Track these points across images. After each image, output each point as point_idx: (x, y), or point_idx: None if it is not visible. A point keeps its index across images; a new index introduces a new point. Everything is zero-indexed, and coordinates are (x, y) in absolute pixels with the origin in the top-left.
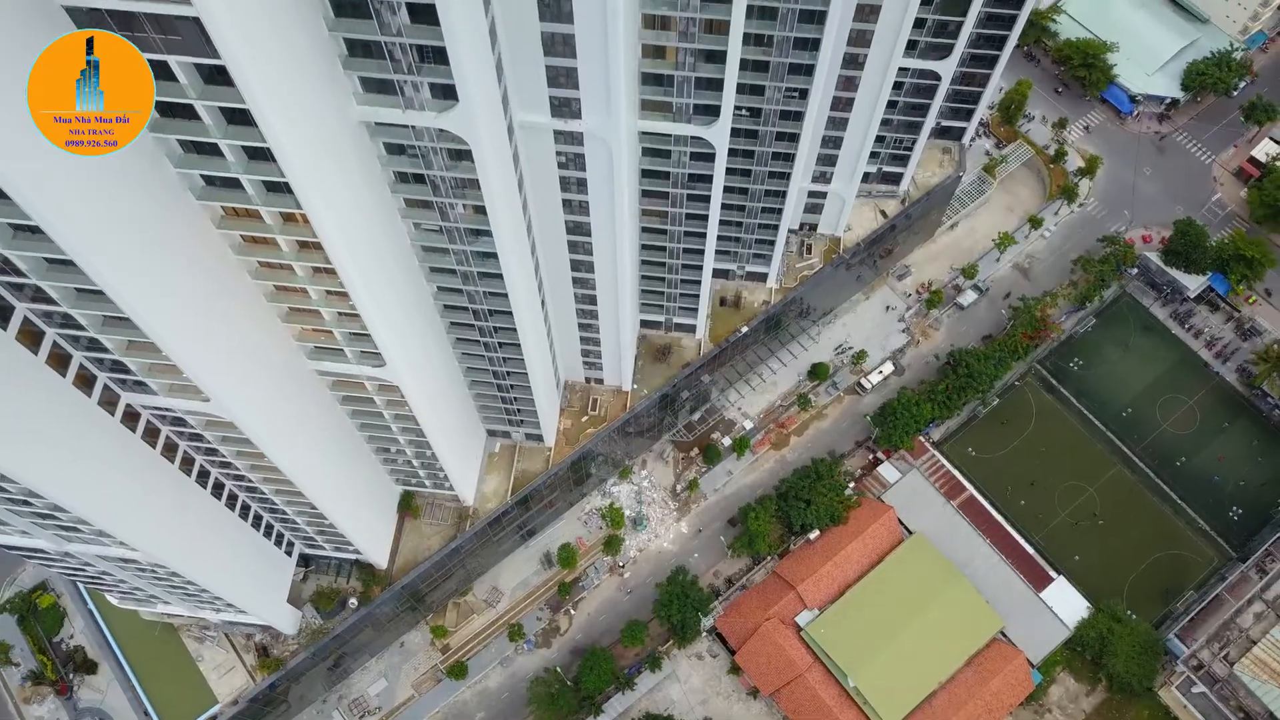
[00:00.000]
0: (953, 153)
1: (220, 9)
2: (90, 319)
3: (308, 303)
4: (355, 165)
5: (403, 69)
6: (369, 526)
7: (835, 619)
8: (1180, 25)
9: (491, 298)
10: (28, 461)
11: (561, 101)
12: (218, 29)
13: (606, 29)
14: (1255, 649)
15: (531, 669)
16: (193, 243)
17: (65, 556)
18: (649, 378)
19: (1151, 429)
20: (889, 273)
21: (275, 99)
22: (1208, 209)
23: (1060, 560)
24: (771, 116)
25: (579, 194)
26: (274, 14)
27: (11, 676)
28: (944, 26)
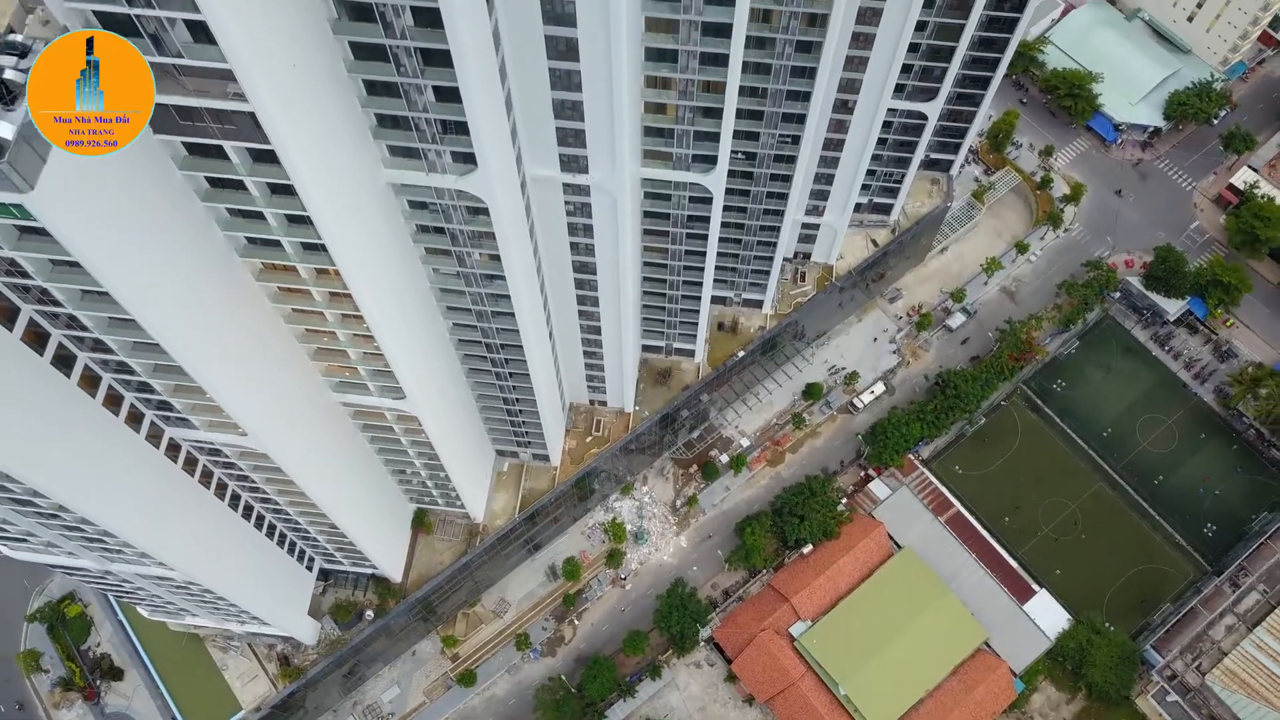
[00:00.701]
0: (941, 183)
1: (273, 107)
2: (143, 366)
3: (335, 343)
4: (381, 221)
5: (427, 139)
6: (385, 543)
7: (827, 630)
8: (1163, 56)
9: (503, 332)
10: (82, 492)
11: (570, 158)
12: (269, 121)
13: (612, 95)
14: (1226, 660)
15: (537, 677)
16: (235, 294)
17: (106, 574)
18: (650, 399)
19: (1132, 447)
20: (881, 296)
21: (315, 174)
22: (1187, 235)
23: (1043, 574)
24: (767, 159)
25: (585, 238)
26: (316, 101)
27: (42, 683)
28: (929, 72)
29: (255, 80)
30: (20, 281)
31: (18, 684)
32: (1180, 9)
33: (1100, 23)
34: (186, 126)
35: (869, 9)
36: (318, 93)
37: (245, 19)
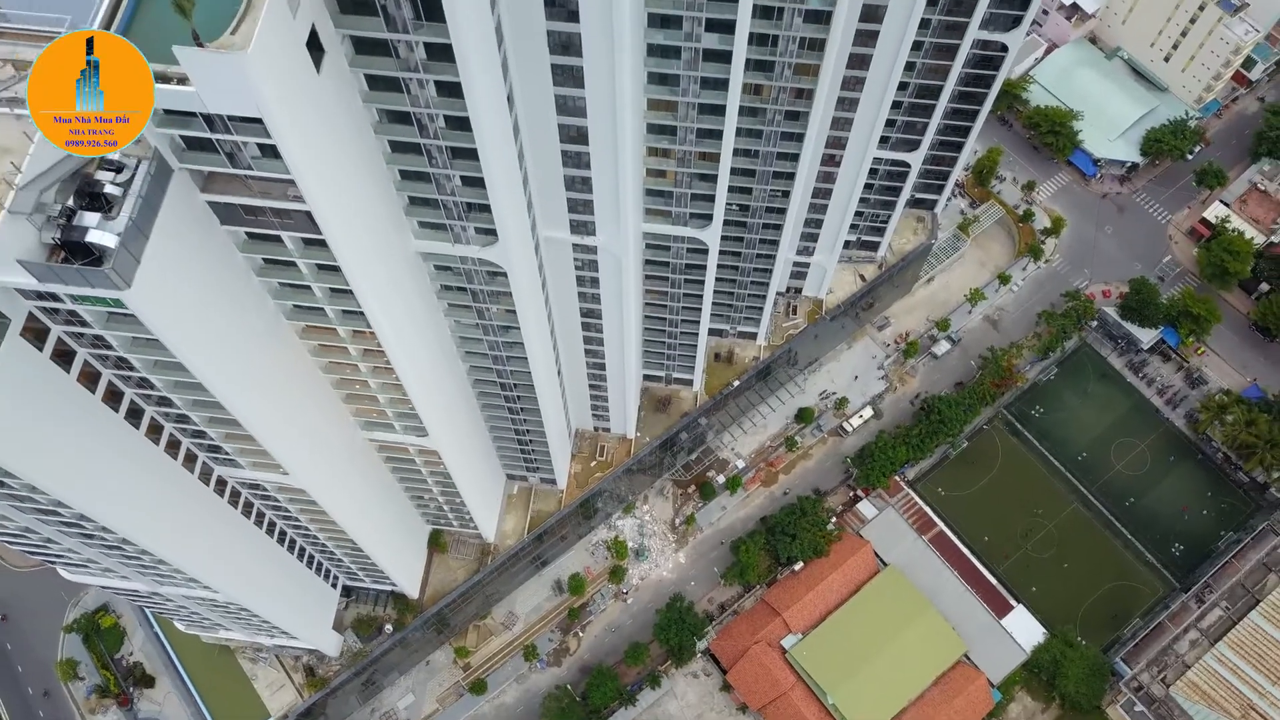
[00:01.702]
0: (926, 221)
1: (325, 205)
2: (200, 417)
3: (366, 390)
4: (410, 284)
5: (454, 215)
6: (404, 562)
7: (817, 642)
8: (1141, 94)
9: (516, 373)
10: (145, 527)
11: (579, 223)
12: (322, 217)
13: (618, 171)
14: (1189, 673)
15: (544, 685)
16: (281, 352)
17: (154, 595)
18: (651, 426)
19: (1106, 470)
20: (870, 324)
21: (356, 253)
22: (1162, 267)
23: (1020, 590)
24: (759, 210)
25: (592, 288)
26: (359, 190)
27: (78, 690)
28: (912, 125)
29: (311, 186)
30: (103, 353)
31: (56, 689)
32: (1157, 49)
33: (1081, 62)
34: (250, 220)
35: (853, 77)
36: (360, 182)
37: (306, 138)
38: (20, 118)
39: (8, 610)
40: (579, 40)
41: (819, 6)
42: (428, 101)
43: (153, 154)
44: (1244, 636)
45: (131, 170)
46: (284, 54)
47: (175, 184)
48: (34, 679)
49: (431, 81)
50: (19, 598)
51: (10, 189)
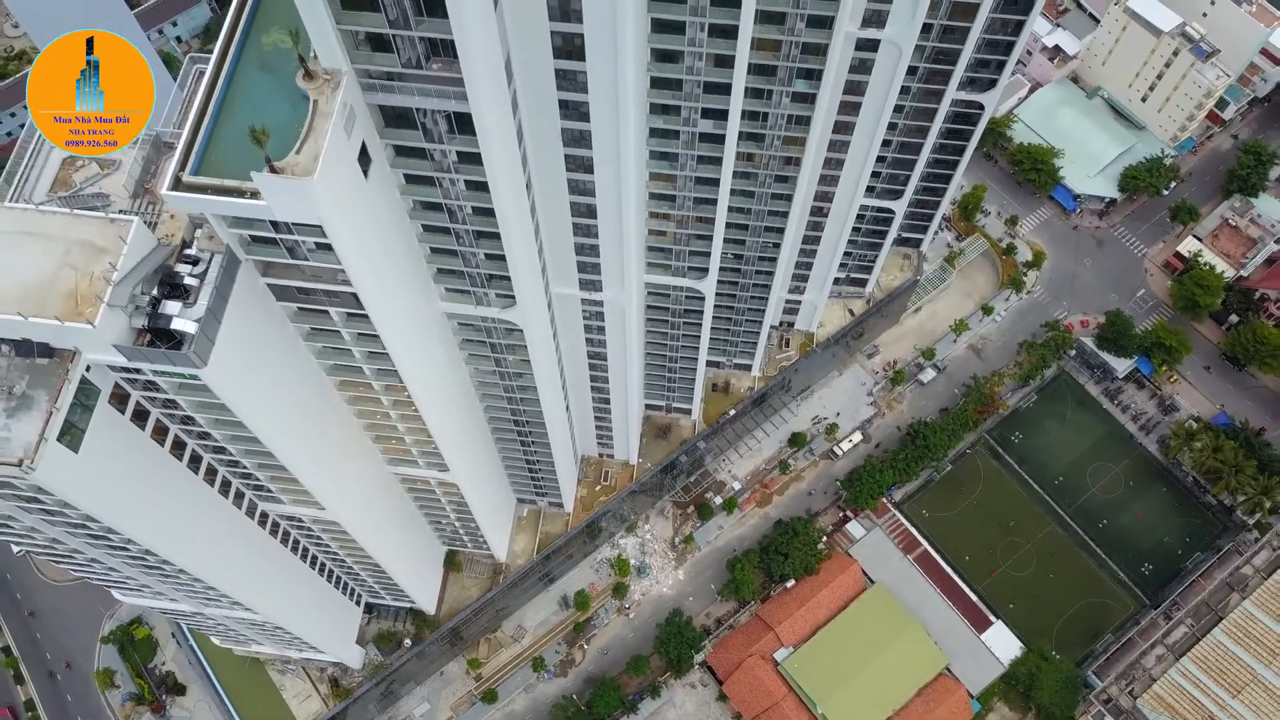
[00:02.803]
0: (912, 258)
1: (370, 288)
2: (252, 463)
3: (394, 432)
4: (436, 339)
5: (477, 283)
6: (422, 582)
7: (807, 656)
8: (1120, 132)
9: (528, 411)
10: (201, 559)
11: (588, 281)
12: (366, 296)
13: (622, 238)
14: (1155, 686)
15: (551, 695)
16: (322, 404)
17: (197, 615)
18: (652, 452)
19: (1082, 492)
20: (860, 352)
21: (392, 322)
22: (1136, 300)
23: (999, 606)
24: (753, 258)
25: (599, 335)
26: (395, 266)
27: (114, 697)
28: (895, 177)
29: (357, 272)
30: (172, 412)
31: (94, 698)
32: (1135, 90)
33: (1063, 101)
34: (302, 298)
35: (839, 141)
36: (396, 259)
37: (355, 235)
38: (114, 221)
39: (45, 624)
40: (590, 135)
41: (805, 89)
42: (457, 195)
43: (224, 249)
44: (1207, 652)
45: (206, 263)
46: (341, 172)
47: (242, 271)
48: (71, 686)
49: (461, 180)
50: (56, 610)
51: (109, 285)
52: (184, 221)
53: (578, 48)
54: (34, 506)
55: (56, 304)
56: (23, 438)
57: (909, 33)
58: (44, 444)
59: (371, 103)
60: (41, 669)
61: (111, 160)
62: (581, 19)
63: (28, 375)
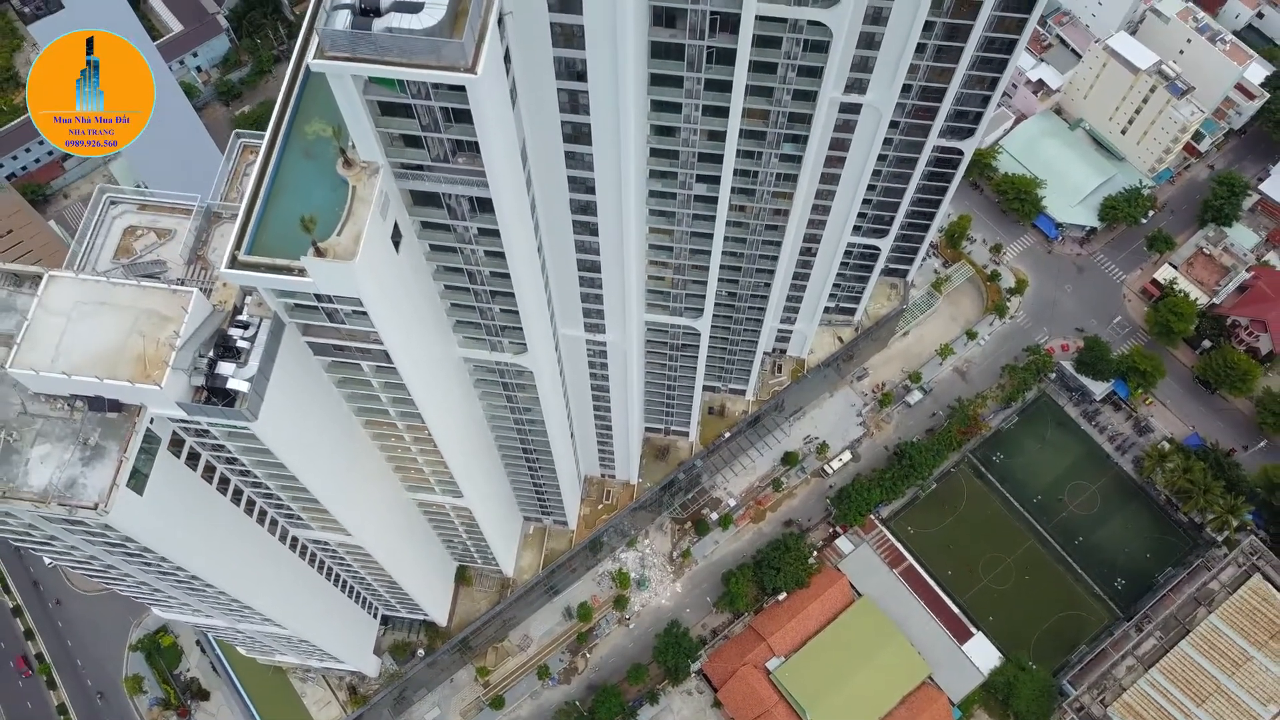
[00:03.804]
0: (899, 288)
1: (397, 344)
2: (287, 495)
3: (413, 464)
4: (454, 380)
5: (492, 333)
6: (435, 596)
7: (798, 665)
8: (1100, 163)
9: (536, 440)
10: (241, 582)
11: (592, 324)
12: (395, 352)
13: (625, 288)
14: (1125, 695)
15: (555, 701)
16: (350, 441)
17: (229, 629)
18: (651, 473)
19: (1060, 510)
20: (850, 375)
21: (417, 371)
22: (1112, 327)
23: (980, 618)
24: (746, 296)
25: (602, 371)
26: (420, 320)
27: (142, 702)
28: (880, 217)
29: (388, 332)
30: (219, 454)
31: (123, 703)
32: (1115, 123)
33: (1047, 132)
34: (338, 353)
35: (825, 190)
36: (420, 314)
37: (388, 302)
38: (176, 292)
39: (75, 632)
40: (595, 204)
41: (792, 152)
42: (477, 261)
43: (272, 315)
44: (1174, 663)
45: (256, 327)
46: (377, 251)
47: (285, 332)
48: (101, 692)
49: (481, 250)
50: (85, 619)
51: (173, 350)
52: (235, 289)
53: (585, 134)
54: (99, 539)
55: (128, 367)
56: (97, 484)
57: (888, 97)
58: (115, 489)
59: (403, 187)
60: (73, 675)
61: (167, 230)
62: (589, 111)
63: (100, 428)
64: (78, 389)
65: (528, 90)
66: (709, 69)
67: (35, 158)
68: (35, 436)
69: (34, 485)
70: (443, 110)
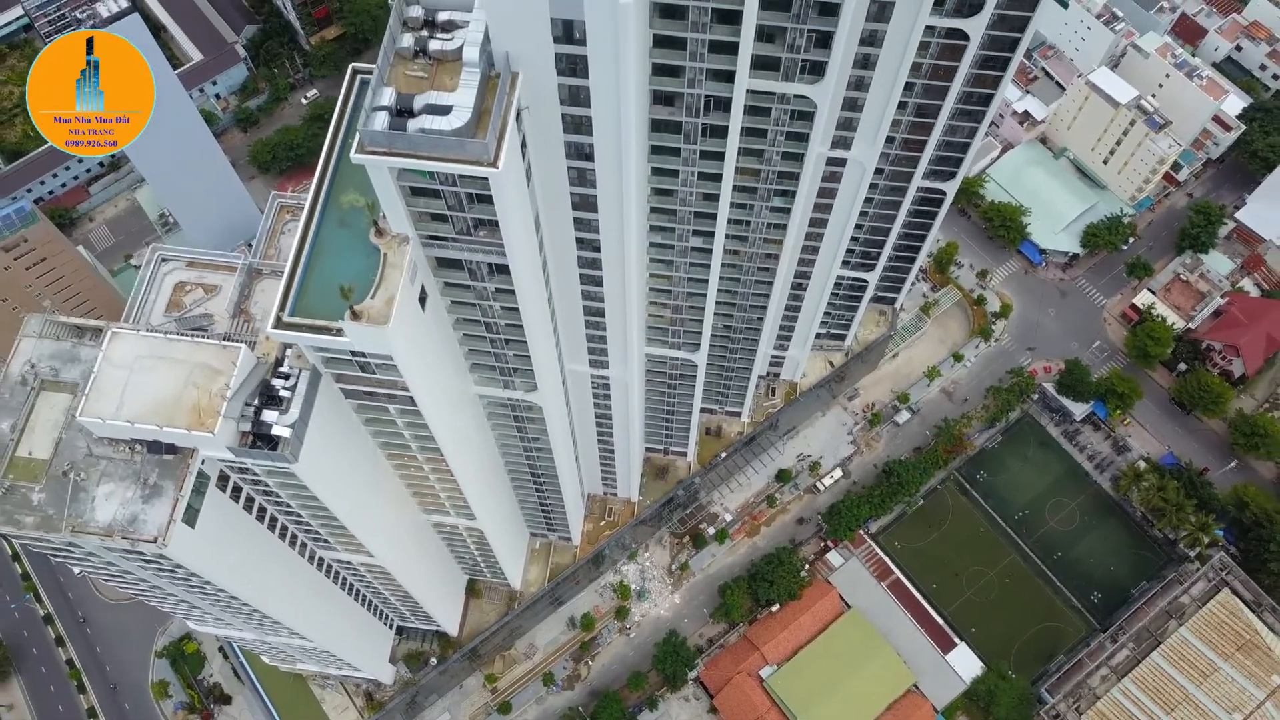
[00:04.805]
0: (887, 314)
1: (423, 391)
2: (316, 521)
3: (431, 490)
4: (469, 414)
5: (506, 374)
6: (447, 608)
7: (790, 673)
8: (1083, 191)
9: (543, 465)
10: (275, 599)
11: (596, 360)
12: (419, 397)
13: (626, 329)
14: (1099, 703)
15: (559, 707)
16: (375, 473)
17: (256, 640)
18: (651, 491)
19: (1041, 526)
20: (842, 395)
21: (436, 410)
22: (1092, 351)
23: (963, 629)
24: (740, 328)
25: (606, 401)
26: (441, 366)
27: (167, 706)
28: (868, 252)
29: (414, 381)
30: (259, 487)
31: (149, 707)
32: (1097, 153)
33: (1032, 161)
34: (367, 397)
35: (814, 232)
36: (441, 361)
37: (414, 355)
38: (226, 347)
39: (103, 639)
40: (600, 260)
41: (781, 205)
42: (494, 315)
43: (310, 367)
44: (1146, 674)
45: (296, 377)
46: (406, 312)
47: (323, 381)
48: (128, 696)
49: (498, 305)
50: (112, 628)
51: (224, 400)
52: (277, 342)
53: (591, 202)
54: (151, 565)
55: (184, 415)
56: (155, 519)
57: (871, 153)
58: (173, 524)
59: (429, 254)
60: (101, 679)
61: (214, 285)
62: (595, 184)
63: (157, 469)
64: (139, 435)
65: (541, 169)
66: (704, 141)
67: (62, 183)
68: (100, 476)
69: (100, 520)
70: (467, 194)
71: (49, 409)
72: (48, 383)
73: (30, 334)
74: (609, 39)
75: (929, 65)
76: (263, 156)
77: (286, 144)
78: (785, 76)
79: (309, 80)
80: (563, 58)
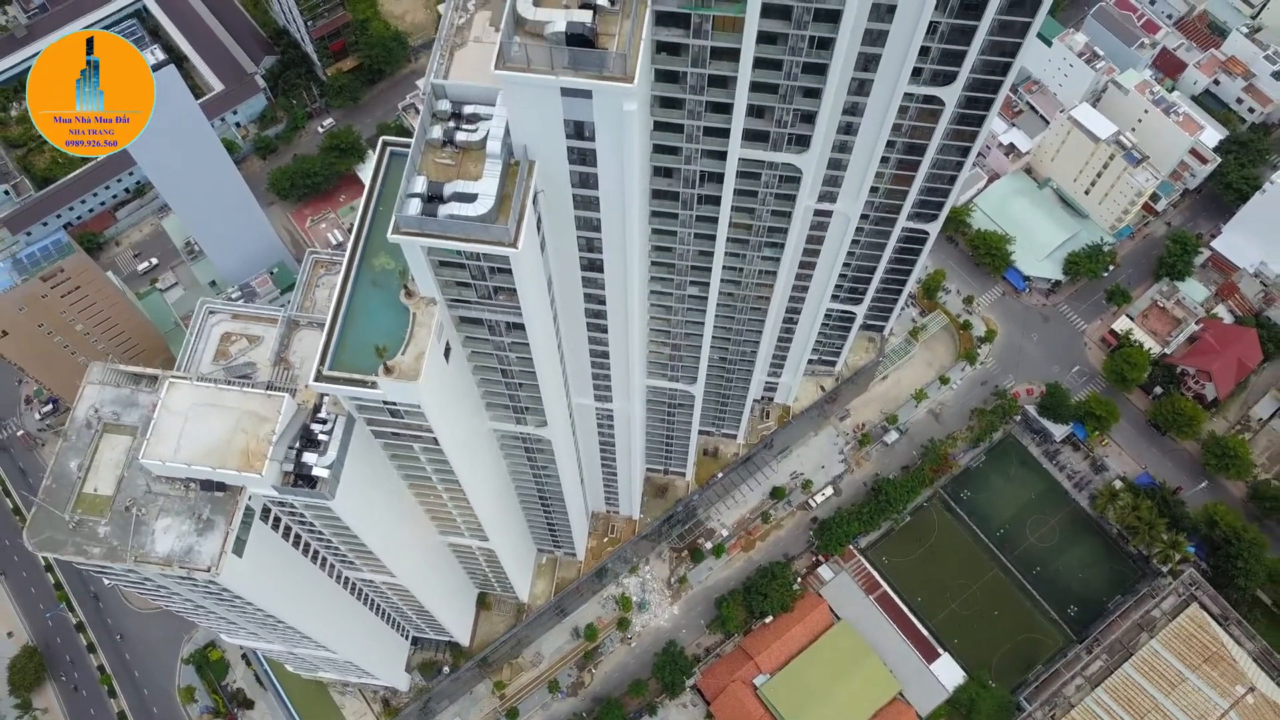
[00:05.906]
0: (876, 341)
1: (446, 433)
2: (345, 547)
3: (448, 515)
4: (484, 446)
5: (519, 410)
6: (459, 620)
7: (782, 681)
8: (1065, 220)
9: (550, 489)
10: (307, 617)
11: (600, 395)
12: (443, 439)
13: (629, 368)
14: (1073, 712)
15: (564, 713)
16: (399, 502)
17: (284, 651)
18: (652, 509)
19: (1022, 542)
20: (834, 415)
21: (458, 449)
22: (1073, 375)
23: (946, 640)
24: (735, 360)
25: (609, 430)
26: (461, 405)
27: (193, 711)
28: (855, 288)
29: (439, 426)
30: (294, 520)
31: (176, 712)
32: (1080, 184)
33: (1017, 191)
34: (395, 439)
35: (804, 274)
36: (460, 403)
37: (440, 403)
38: (271, 396)
39: (132, 646)
40: (606, 311)
41: (772, 255)
42: (510, 363)
43: (346, 414)
44: (1118, 683)
45: (333, 422)
46: (434, 367)
47: (356, 425)
48: (156, 701)
49: (514, 355)
50: (140, 636)
51: (270, 445)
52: (314, 393)
53: (598, 265)
54: (200, 590)
55: (234, 458)
56: (208, 551)
57: (856, 204)
58: (224, 555)
59: (454, 315)
60: (130, 684)
61: (257, 336)
62: (602, 250)
63: (209, 504)
64: (194, 475)
65: (554, 241)
66: (700, 207)
67: (89, 208)
68: (159, 511)
69: (160, 551)
70: (489, 267)
71: (111, 450)
72: (110, 425)
73: (94, 381)
74: (615, 135)
75: (909, 126)
76: (281, 184)
77: (304, 172)
78: (774, 147)
79: (325, 110)
80: (574, 150)
